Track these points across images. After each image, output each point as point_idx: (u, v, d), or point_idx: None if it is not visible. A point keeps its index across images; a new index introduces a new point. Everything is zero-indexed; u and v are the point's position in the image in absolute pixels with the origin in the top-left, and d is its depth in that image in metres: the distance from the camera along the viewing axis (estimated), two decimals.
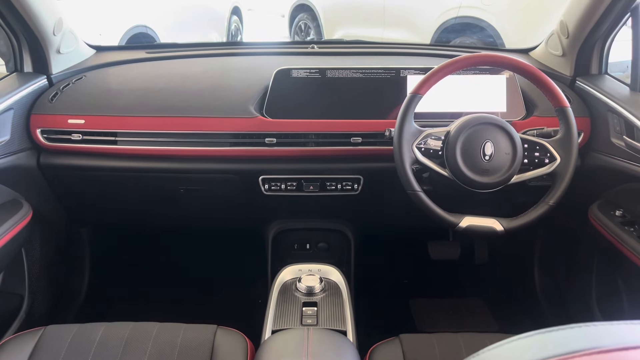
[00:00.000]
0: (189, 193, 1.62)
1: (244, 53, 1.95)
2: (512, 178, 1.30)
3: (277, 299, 1.29)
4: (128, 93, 1.59)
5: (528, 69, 1.33)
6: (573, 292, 1.76)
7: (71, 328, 1.18)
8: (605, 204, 1.51)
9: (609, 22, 1.47)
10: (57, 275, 1.78)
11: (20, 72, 1.60)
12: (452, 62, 1.31)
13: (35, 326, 1.19)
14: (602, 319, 1.57)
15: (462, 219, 1.31)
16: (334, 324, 1.19)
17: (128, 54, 1.87)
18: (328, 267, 1.41)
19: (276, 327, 1.18)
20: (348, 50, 1.98)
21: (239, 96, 1.56)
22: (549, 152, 1.32)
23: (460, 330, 1.23)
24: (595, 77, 1.61)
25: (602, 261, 1.59)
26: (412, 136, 1.30)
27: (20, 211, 1.48)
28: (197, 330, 1.19)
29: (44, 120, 1.52)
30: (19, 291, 1.61)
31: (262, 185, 1.56)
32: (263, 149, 1.51)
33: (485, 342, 1.15)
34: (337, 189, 1.57)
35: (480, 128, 1.30)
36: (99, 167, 1.55)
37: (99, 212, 1.80)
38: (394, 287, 2.20)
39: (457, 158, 1.28)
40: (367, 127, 1.51)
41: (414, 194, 1.30)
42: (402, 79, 1.56)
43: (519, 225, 1.31)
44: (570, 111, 1.31)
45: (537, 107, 1.55)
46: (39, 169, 1.56)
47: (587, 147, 1.55)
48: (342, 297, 1.30)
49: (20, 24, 1.49)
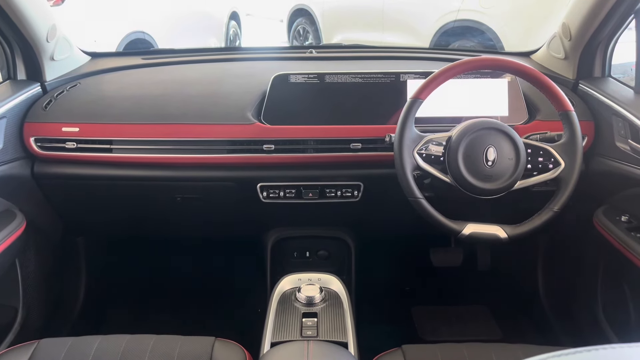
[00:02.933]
0: (186, 201, 1.59)
1: (241, 58, 1.93)
2: (516, 184, 1.28)
3: (276, 310, 1.26)
4: (123, 100, 1.57)
5: (531, 73, 1.31)
6: (578, 299, 1.74)
7: (65, 341, 1.16)
8: (610, 210, 1.48)
9: (612, 23, 1.45)
10: (53, 286, 1.75)
11: (14, 80, 1.58)
12: (453, 66, 1.29)
13: (30, 339, 1.17)
14: (608, 328, 1.54)
15: (464, 226, 1.29)
16: (334, 336, 1.16)
17: (124, 61, 1.85)
18: (328, 276, 1.38)
19: (275, 338, 1.15)
20: (347, 54, 1.96)
21: (236, 102, 1.53)
22: (553, 157, 1.29)
23: (464, 340, 1.21)
24: (599, 80, 1.58)
25: (608, 268, 1.57)
26: (413, 142, 1.27)
27: (13, 221, 1.46)
28: (195, 343, 1.16)
29: (37, 128, 1.50)
30: (13, 303, 1.58)
31: (261, 193, 1.54)
32: (261, 155, 1.48)
33: (490, 352, 1.12)
34: (337, 196, 1.55)
35: (482, 133, 1.28)
36: (94, 176, 1.52)
37: (95, 221, 1.78)
38: (396, 294, 2.18)
39: (459, 164, 1.26)
40: (367, 132, 1.48)
41: (415, 201, 1.27)
42: (402, 83, 1.53)
43: (523, 232, 1.28)
44: (575, 115, 1.29)
45: (540, 111, 1.53)
46: (33, 178, 1.53)
47: (591, 151, 1.52)
48: (342, 307, 1.27)
49: (13, 31, 1.47)
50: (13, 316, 1.57)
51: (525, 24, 3.87)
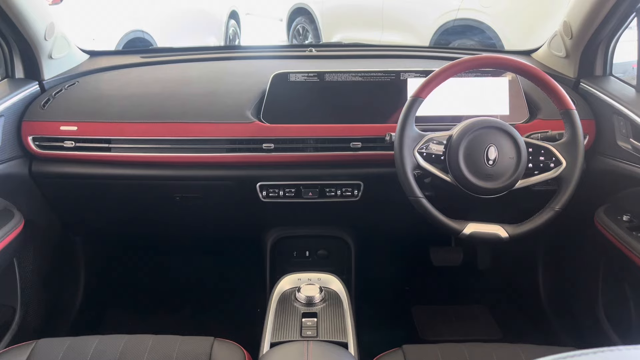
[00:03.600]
0: (185, 201, 1.59)
1: (240, 57, 1.92)
2: (517, 183, 1.27)
3: (275, 310, 1.25)
4: (122, 99, 1.56)
5: (532, 71, 1.30)
6: (579, 298, 1.73)
7: (63, 341, 1.15)
8: (611, 209, 1.48)
9: (613, 22, 1.44)
10: (51, 285, 1.74)
11: (12, 78, 1.57)
12: (454, 65, 1.28)
13: (28, 339, 1.16)
14: (609, 328, 1.54)
15: (465, 225, 1.28)
16: (334, 336, 1.15)
17: (122, 59, 1.84)
18: (328, 276, 1.37)
19: (275, 339, 1.15)
20: (346, 53, 1.95)
21: (236, 101, 1.53)
22: (554, 156, 1.29)
23: (465, 340, 1.20)
24: (600, 79, 1.58)
25: (609, 267, 1.56)
26: (414, 141, 1.27)
27: (11, 221, 1.45)
28: (194, 343, 1.15)
29: (35, 127, 1.49)
30: (10, 303, 1.57)
31: (260, 192, 1.53)
32: (260, 154, 1.47)
33: (490, 352, 1.12)
34: (337, 195, 1.54)
35: (483, 132, 1.27)
36: (92, 175, 1.51)
37: (93, 220, 1.77)
38: (396, 294, 2.17)
39: (459, 163, 1.25)
40: (367, 131, 1.48)
41: (415, 200, 1.26)
42: (402, 82, 1.52)
43: (524, 231, 1.28)
44: (576, 114, 1.28)
45: (541, 109, 1.52)
46: (31, 177, 1.52)
47: (593, 150, 1.52)
48: (342, 307, 1.26)
49: (10, 29, 1.45)
50: (11, 316, 1.56)
51: (525, 22, 3.86)
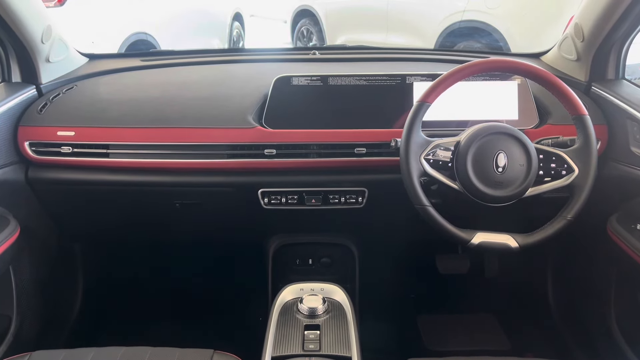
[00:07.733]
0: (185, 207, 1.55)
1: (242, 60, 1.90)
2: (527, 191, 1.23)
3: (277, 322, 1.22)
4: (121, 103, 1.53)
5: (543, 75, 1.26)
6: (590, 309, 1.68)
7: (59, 354, 1.13)
8: (624, 217, 1.43)
9: (627, 23, 1.40)
10: (48, 294, 1.70)
11: (8, 82, 1.54)
12: (462, 69, 1.24)
13: (24, 350, 1.14)
14: (622, 340, 1.50)
15: (474, 235, 1.24)
16: (338, 349, 1.12)
17: (122, 62, 1.81)
18: (331, 285, 1.34)
19: (276, 352, 1.12)
20: (351, 56, 1.92)
21: (237, 105, 1.49)
22: (566, 163, 1.24)
23: (472, 351, 1.16)
24: (612, 83, 1.53)
25: (622, 277, 1.52)
26: (420, 147, 1.23)
27: (7, 228, 1.42)
28: (193, 356, 1.13)
29: (32, 132, 1.46)
30: (6, 312, 1.54)
31: (262, 199, 1.50)
32: (262, 160, 1.44)
33: None
34: (341, 202, 1.50)
35: (492, 138, 1.23)
36: (90, 181, 1.48)
37: (91, 227, 1.74)
38: (401, 303, 2.13)
39: (468, 170, 1.21)
40: (372, 137, 1.44)
41: (422, 208, 1.22)
42: (408, 86, 1.49)
43: (535, 241, 1.23)
44: (589, 119, 1.24)
45: (551, 114, 1.48)
46: (27, 183, 1.50)
47: (605, 156, 1.48)
48: (346, 319, 1.23)
49: (6, 32, 1.43)
50: (6, 326, 1.53)
51: (533, 24, 3.82)
